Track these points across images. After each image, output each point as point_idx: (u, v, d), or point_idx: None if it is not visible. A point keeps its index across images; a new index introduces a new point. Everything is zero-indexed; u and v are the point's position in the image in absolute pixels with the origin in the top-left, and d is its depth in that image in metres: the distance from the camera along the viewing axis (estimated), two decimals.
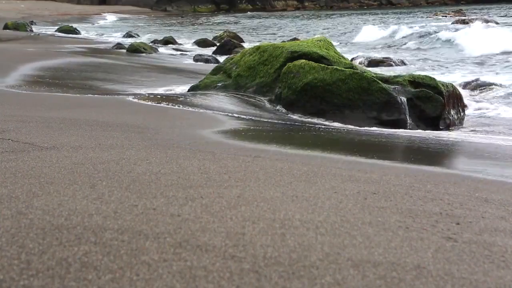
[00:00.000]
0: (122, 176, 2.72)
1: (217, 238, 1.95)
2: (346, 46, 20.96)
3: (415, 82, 6.75)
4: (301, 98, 6.81)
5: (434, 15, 36.44)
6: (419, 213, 2.43)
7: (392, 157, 4.42)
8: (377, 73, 7.31)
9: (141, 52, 16.37)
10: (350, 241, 2.01)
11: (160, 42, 21.27)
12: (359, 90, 6.58)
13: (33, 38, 20.22)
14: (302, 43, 8.01)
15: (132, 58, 14.50)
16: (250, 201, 2.42)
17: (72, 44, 17.96)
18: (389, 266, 1.82)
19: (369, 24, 27.27)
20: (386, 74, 7.67)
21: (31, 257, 1.71)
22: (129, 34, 25.70)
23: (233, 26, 37.38)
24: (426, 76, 7.02)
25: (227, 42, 18.92)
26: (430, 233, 2.17)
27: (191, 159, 3.20)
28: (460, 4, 60.88)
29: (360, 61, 14.26)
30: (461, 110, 7.03)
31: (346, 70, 6.80)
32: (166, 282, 1.61)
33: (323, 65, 6.97)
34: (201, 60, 14.96)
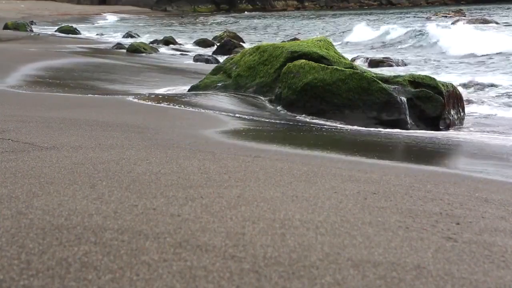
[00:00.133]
0: (122, 176, 2.72)
1: (217, 238, 1.95)
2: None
3: (415, 82, 6.75)
4: (301, 98, 6.81)
5: (434, 15, 36.42)
6: (419, 213, 2.43)
7: (392, 157, 4.43)
8: (377, 73, 7.31)
9: (141, 52, 16.37)
10: (350, 241, 2.02)
11: (160, 42, 21.26)
12: (359, 90, 6.58)
13: (33, 38, 20.22)
14: (302, 43, 8.01)
15: (132, 58, 14.49)
16: (250, 201, 2.42)
17: (72, 44, 17.96)
18: (389, 266, 1.82)
19: (362, 24, 27.25)
20: (386, 74, 7.67)
21: (31, 257, 1.71)
22: (129, 34, 25.69)
23: (233, 26, 37.38)
24: (426, 76, 7.01)
25: (227, 42, 18.92)
26: (430, 233, 2.17)
27: (191, 159, 3.20)
28: (460, 4, 60.85)
29: (360, 61, 14.27)
30: (461, 110, 7.03)
31: (346, 70, 6.80)
32: (166, 282, 1.61)
33: (323, 65, 6.97)
34: (201, 60, 14.95)
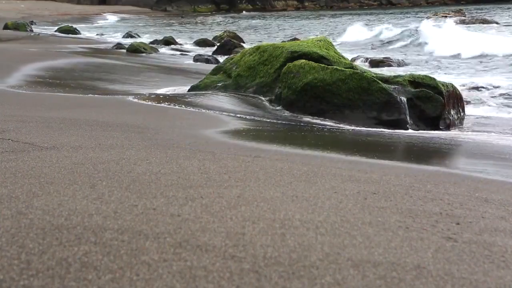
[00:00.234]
0: (122, 176, 2.72)
1: (217, 238, 1.95)
2: None
3: (415, 82, 6.75)
4: (301, 98, 6.81)
5: (434, 15, 36.40)
6: (419, 213, 2.43)
7: (392, 157, 4.42)
8: (377, 73, 7.31)
9: (141, 52, 16.37)
10: (350, 241, 2.01)
11: (160, 42, 21.25)
12: (359, 90, 6.58)
13: (33, 38, 20.21)
14: (302, 43, 8.01)
15: (132, 58, 14.49)
16: (250, 201, 2.42)
17: (72, 44, 17.96)
18: (389, 266, 1.82)
19: (357, 24, 27.32)
20: (386, 74, 7.67)
21: (31, 257, 1.71)
22: (129, 34, 25.68)
23: (233, 26, 37.37)
24: (426, 76, 7.01)
25: (227, 42, 18.91)
26: (430, 233, 2.17)
27: (191, 159, 3.20)
28: (460, 4, 60.84)
29: (360, 61, 14.28)
30: (461, 110, 7.02)
31: (346, 70, 6.80)
32: (166, 282, 1.61)
33: (323, 65, 6.97)
34: (201, 60, 14.95)
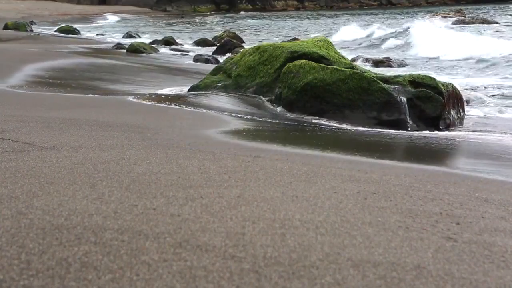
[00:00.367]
0: (122, 176, 2.72)
1: (217, 238, 1.95)
2: None
3: (415, 82, 6.74)
4: (301, 98, 6.80)
5: (434, 15, 36.39)
6: (419, 213, 2.43)
7: (392, 157, 4.42)
8: (377, 73, 7.31)
9: (141, 52, 16.36)
10: (350, 241, 2.01)
11: (160, 42, 21.23)
12: (359, 90, 6.58)
13: (33, 38, 20.21)
14: (302, 43, 8.01)
15: (132, 58, 14.49)
16: (250, 201, 2.42)
17: (72, 44, 17.95)
18: (389, 266, 1.82)
19: (352, 24, 27.39)
20: (386, 74, 7.66)
21: (31, 257, 1.71)
22: (129, 34, 25.66)
23: (233, 26, 37.37)
24: (426, 76, 7.01)
25: (227, 42, 18.90)
26: (430, 233, 2.17)
27: (191, 159, 3.20)
28: (460, 4, 60.83)
29: (360, 61, 14.28)
30: (461, 110, 7.02)
31: (346, 70, 6.80)
32: (166, 282, 1.61)
33: (323, 65, 6.97)
34: (201, 60, 14.94)
